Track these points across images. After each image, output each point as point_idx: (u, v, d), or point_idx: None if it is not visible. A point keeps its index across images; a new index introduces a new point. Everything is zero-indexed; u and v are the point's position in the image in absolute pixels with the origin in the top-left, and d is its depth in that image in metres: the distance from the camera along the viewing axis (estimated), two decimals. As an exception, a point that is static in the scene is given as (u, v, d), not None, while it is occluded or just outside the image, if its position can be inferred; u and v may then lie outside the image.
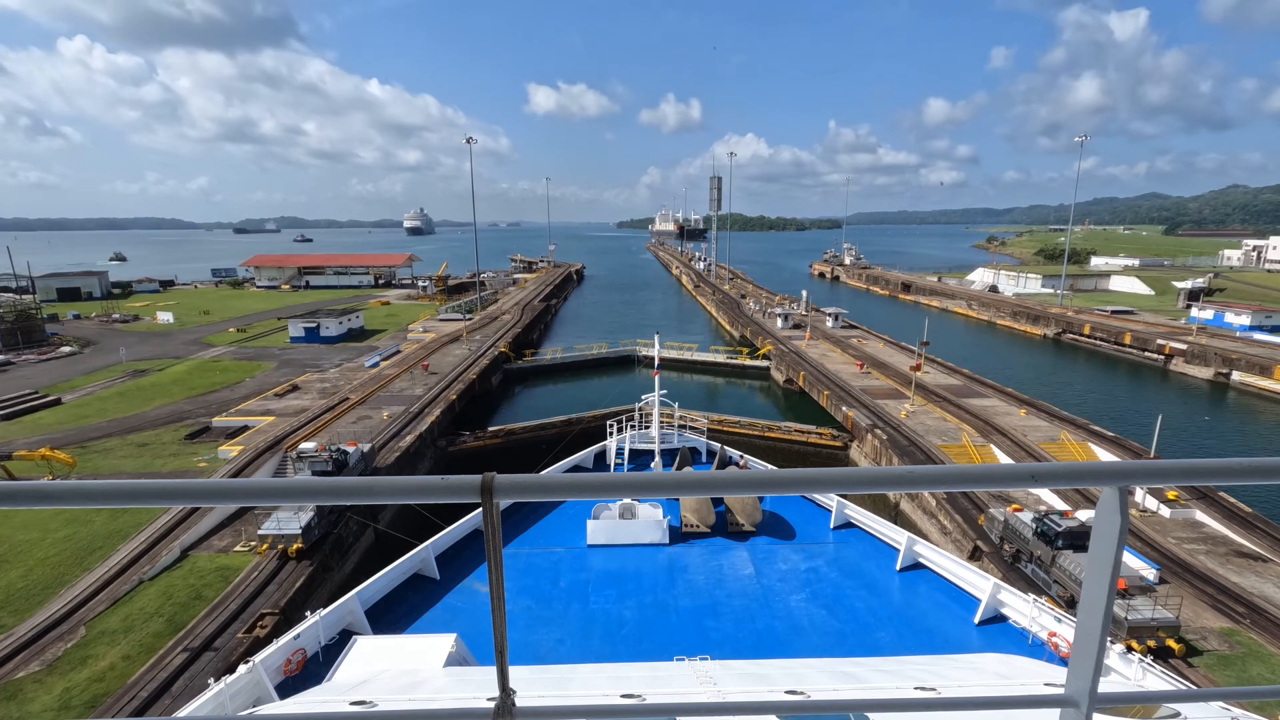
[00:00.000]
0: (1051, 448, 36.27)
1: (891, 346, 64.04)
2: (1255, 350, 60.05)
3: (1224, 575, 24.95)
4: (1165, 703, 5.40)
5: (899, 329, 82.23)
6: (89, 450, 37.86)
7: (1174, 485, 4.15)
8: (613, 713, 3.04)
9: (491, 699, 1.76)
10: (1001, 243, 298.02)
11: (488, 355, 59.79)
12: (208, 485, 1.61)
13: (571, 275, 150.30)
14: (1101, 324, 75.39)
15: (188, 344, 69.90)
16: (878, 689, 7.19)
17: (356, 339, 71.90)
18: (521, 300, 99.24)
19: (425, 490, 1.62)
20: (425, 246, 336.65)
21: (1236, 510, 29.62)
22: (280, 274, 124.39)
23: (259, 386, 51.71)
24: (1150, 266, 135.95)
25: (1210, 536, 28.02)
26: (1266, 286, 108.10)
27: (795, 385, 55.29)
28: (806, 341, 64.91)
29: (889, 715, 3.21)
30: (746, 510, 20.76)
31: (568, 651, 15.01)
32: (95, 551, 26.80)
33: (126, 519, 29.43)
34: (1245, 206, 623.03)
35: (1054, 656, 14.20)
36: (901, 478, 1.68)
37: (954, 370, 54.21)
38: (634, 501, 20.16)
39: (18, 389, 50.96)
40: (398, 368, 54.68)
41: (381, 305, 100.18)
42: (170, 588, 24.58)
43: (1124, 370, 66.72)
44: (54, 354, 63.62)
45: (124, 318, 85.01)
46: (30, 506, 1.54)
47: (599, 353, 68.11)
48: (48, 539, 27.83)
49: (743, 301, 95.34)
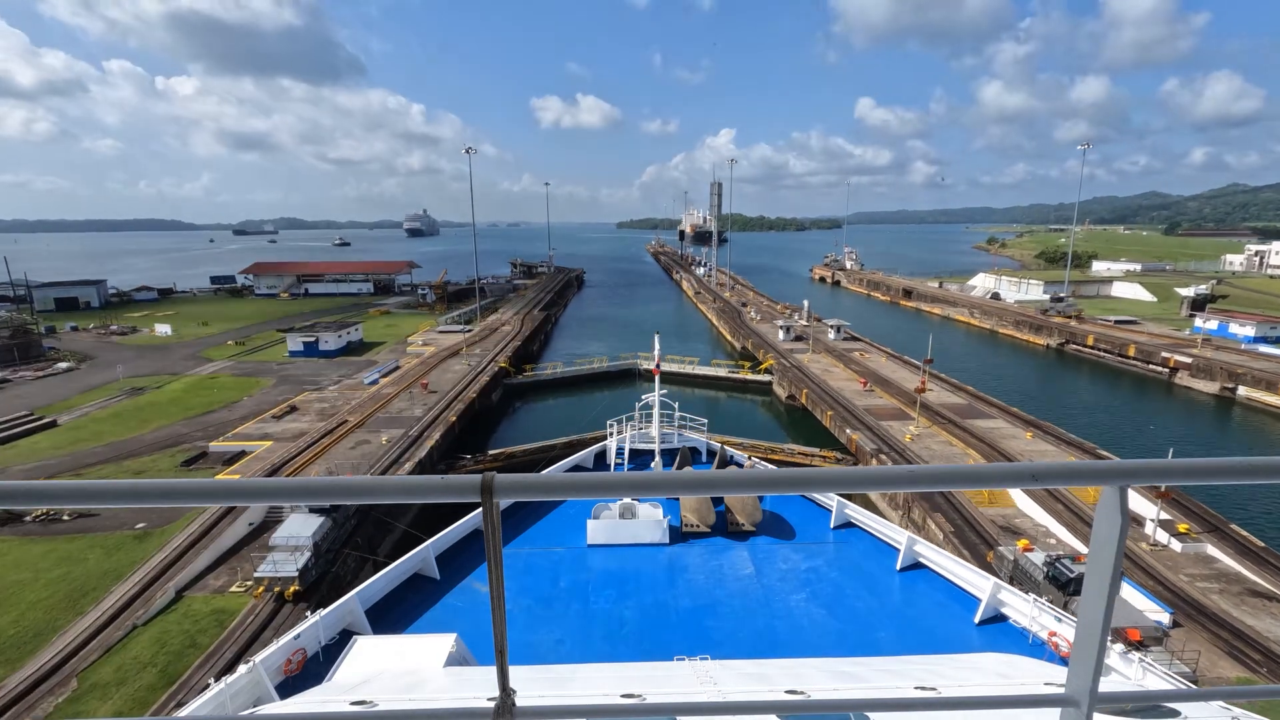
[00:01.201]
0: (1059, 475, 35.79)
1: (895, 361, 63.54)
2: (1260, 364, 59.56)
3: (1239, 618, 24.48)
4: (1165, 702, 5.32)
5: (902, 340, 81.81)
6: (82, 476, 37.35)
7: (1174, 485, 4.01)
8: (613, 712, 3.09)
9: (491, 699, 1.77)
10: (1002, 244, 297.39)
11: (488, 371, 59.32)
12: (208, 485, 1.61)
13: (572, 281, 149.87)
14: (1105, 335, 74.90)
15: (185, 359, 69.43)
16: (878, 689, 7.19)
17: (355, 352, 71.44)
18: (522, 309, 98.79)
19: (425, 490, 1.63)
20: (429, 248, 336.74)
21: (1249, 544, 29.16)
22: (279, 281, 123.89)
23: (257, 406, 51.24)
24: (1152, 272, 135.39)
25: (1223, 573, 27.55)
26: (1269, 293, 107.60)
27: (798, 402, 54.82)
28: (809, 356, 64.40)
29: (889, 715, 3.24)
30: (746, 510, 20.79)
31: (568, 651, 15.00)
32: (88, 594, 26.34)
33: (120, 556, 29.00)
34: (1245, 205, 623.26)
35: (1054, 656, 14.18)
36: (902, 477, 1.69)
37: (958, 388, 53.72)
38: (634, 501, 20.36)
39: (13, 409, 50.54)
40: (396, 386, 54.21)
41: (381, 315, 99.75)
42: (164, 634, 24.12)
43: (1128, 384, 66.23)
44: (51, 370, 63.16)
45: (122, 330, 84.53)
46: (30, 506, 1.57)
47: (599, 367, 67.63)
48: (40, 579, 27.38)
49: (744, 310, 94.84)
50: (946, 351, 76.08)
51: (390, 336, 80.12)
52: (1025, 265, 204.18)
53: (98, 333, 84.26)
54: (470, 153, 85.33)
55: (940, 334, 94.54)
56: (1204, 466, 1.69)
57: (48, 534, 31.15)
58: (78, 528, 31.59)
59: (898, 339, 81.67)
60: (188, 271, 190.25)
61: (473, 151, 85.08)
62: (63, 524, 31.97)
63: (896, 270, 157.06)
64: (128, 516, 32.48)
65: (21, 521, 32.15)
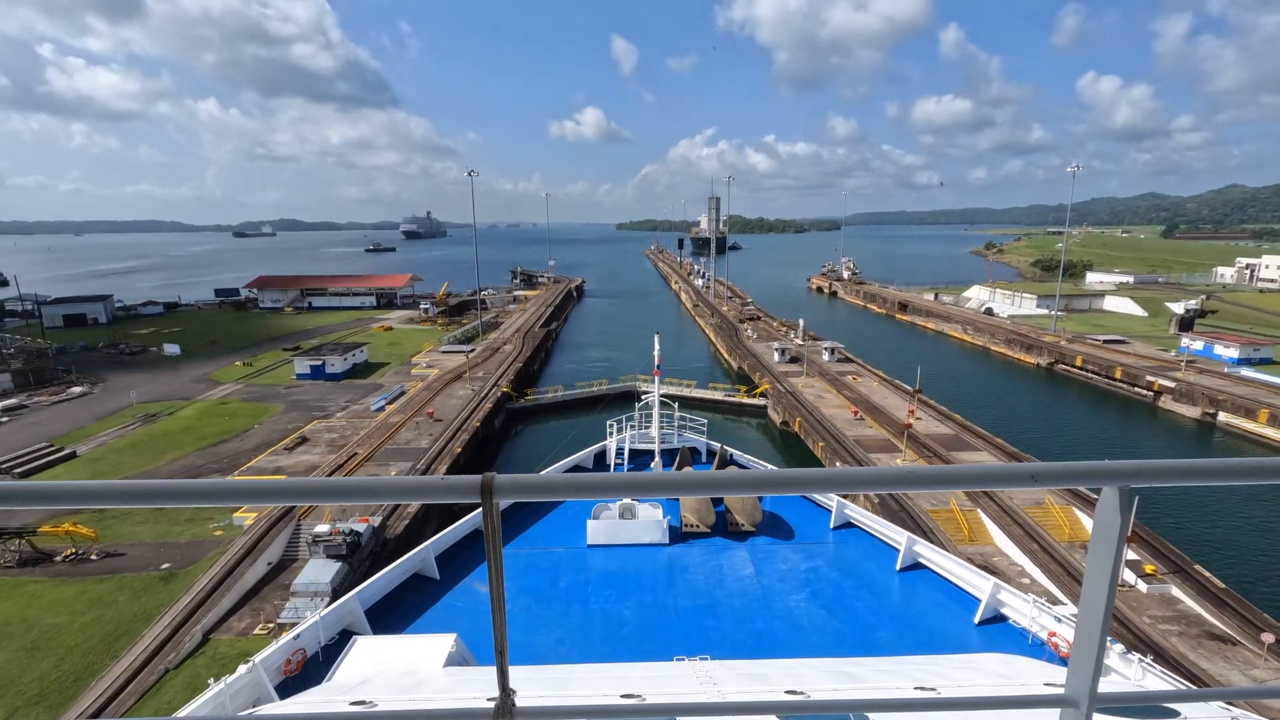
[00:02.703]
0: (1036, 513, 37.60)
1: (886, 385, 65.32)
2: (1241, 390, 61.37)
3: (1194, 660, 26.25)
4: (1165, 702, 5.49)
5: (895, 357, 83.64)
6: (106, 515, 39.13)
7: (1174, 484, 4.21)
8: (613, 713, 3.09)
9: (491, 699, 1.79)
10: (1000, 250, 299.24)
11: (490, 397, 61.09)
12: (209, 485, 1.67)
13: (571, 292, 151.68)
14: (1093, 355, 76.68)
15: (195, 381, 71.22)
16: (878, 689, 7.18)
17: (361, 374, 73.21)
18: (523, 325, 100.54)
19: (426, 490, 1.68)
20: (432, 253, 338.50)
21: (1210, 586, 30.93)
22: (283, 295, 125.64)
23: (268, 436, 53.02)
24: (1145, 285, 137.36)
25: (1184, 615, 29.34)
26: (1258, 308, 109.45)
27: (791, 429, 56.64)
28: (803, 380, 66.20)
29: (889, 715, 3.21)
30: (746, 510, 20.79)
31: (568, 651, 14.96)
32: (121, 637, 28.11)
33: (149, 599, 30.78)
34: (1244, 206, 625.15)
35: (1054, 656, 14.18)
36: (902, 478, 1.71)
37: (946, 416, 55.50)
38: (634, 501, 20.28)
39: (34, 438, 52.35)
40: (403, 414, 55.98)
41: (384, 330, 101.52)
42: (195, 678, 25.85)
43: (1114, 406, 68.05)
44: (66, 395, 64.91)
45: (131, 349, 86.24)
46: (30, 506, 1.59)
47: (599, 390, 69.39)
48: (75, 622, 29.15)
49: (741, 327, 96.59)
50: (938, 369, 77.86)
51: (394, 357, 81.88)
52: (1022, 273, 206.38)
53: (107, 351, 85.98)
54: (473, 175, 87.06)
55: (934, 350, 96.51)
56: (1203, 467, 1.72)
57: (78, 574, 32.93)
58: (106, 568, 33.38)
59: (892, 358, 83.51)
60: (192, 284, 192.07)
61: (475, 174, 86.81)
62: (91, 564, 33.75)
63: (893, 281, 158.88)
64: (153, 557, 34.28)
65: (52, 561, 33.95)
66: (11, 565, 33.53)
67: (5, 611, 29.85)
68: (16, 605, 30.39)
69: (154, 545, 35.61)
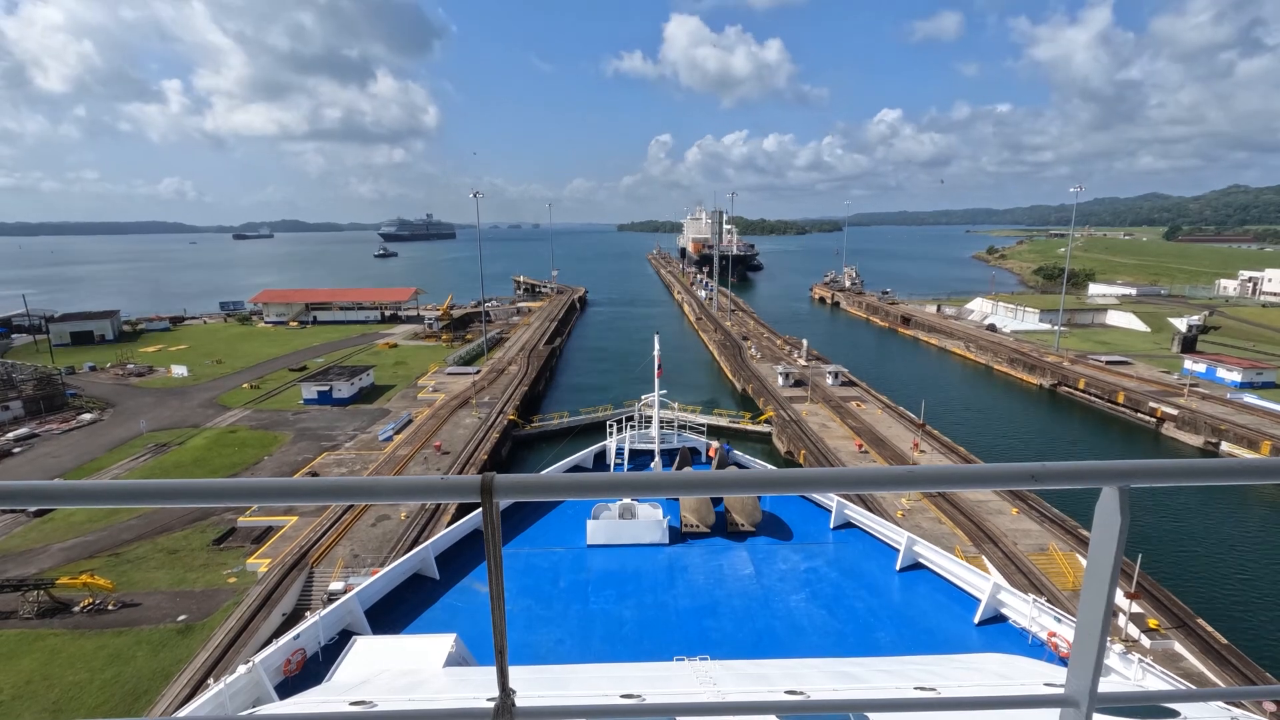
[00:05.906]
0: (1040, 559, 38.00)
1: (891, 413, 65.66)
2: (1245, 419, 61.63)
3: (1197, 725, 26.69)
4: (1165, 702, 5.41)
5: (899, 379, 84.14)
6: (122, 559, 39.71)
7: (1173, 484, 4.25)
8: (612, 713, 3.09)
9: (491, 699, 1.80)
10: (1001, 254, 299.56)
11: (497, 426, 61.58)
12: (209, 485, 1.67)
13: (575, 304, 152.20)
14: (1096, 378, 76.95)
15: (203, 405, 71.77)
16: (878, 689, 7.21)
17: (368, 398, 73.69)
18: (527, 343, 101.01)
19: (426, 490, 1.69)
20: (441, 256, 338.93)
21: (1212, 642, 31.32)
22: (288, 309, 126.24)
23: (278, 467, 53.54)
24: (1147, 297, 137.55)
25: (1188, 673, 29.68)
26: (1261, 324, 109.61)
27: (796, 460, 57.04)
28: (807, 408, 66.60)
29: (889, 715, 3.22)
30: (746, 510, 20.85)
31: (567, 651, 15.03)
32: (140, 697, 28.63)
33: (166, 654, 31.29)
34: (1246, 207, 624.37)
35: (1054, 656, 14.30)
36: (901, 478, 1.72)
37: (951, 449, 55.89)
38: (634, 501, 20.32)
39: (46, 471, 52.90)
40: (411, 445, 56.46)
41: (389, 348, 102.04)
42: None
43: (1117, 432, 68.34)
44: (76, 423, 65.47)
45: (138, 370, 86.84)
46: (30, 506, 1.58)
47: (603, 415, 69.82)
48: (95, 680, 29.67)
49: (745, 345, 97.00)
50: (942, 394, 78.25)
51: (401, 379, 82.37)
52: (1024, 280, 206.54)
53: (115, 373, 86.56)
54: (478, 196, 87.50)
55: (937, 370, 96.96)
56: (1204, 467, 1.73)
57: (96, 626, 33.43)
58: (123, 620, 33.89)
59: (896, 379, 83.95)
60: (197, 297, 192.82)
61: (480, 196, 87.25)
62: (109, 615, 34.27)
63: (895, 289, 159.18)
64: (169, 607, 34.79)
65: (70, 612, 34.47)
66: (31, 616, 34.05)
67: (28, 668, 30.39)
68: (38, 661, 30.92)
69: (170, 594, 36.11)
